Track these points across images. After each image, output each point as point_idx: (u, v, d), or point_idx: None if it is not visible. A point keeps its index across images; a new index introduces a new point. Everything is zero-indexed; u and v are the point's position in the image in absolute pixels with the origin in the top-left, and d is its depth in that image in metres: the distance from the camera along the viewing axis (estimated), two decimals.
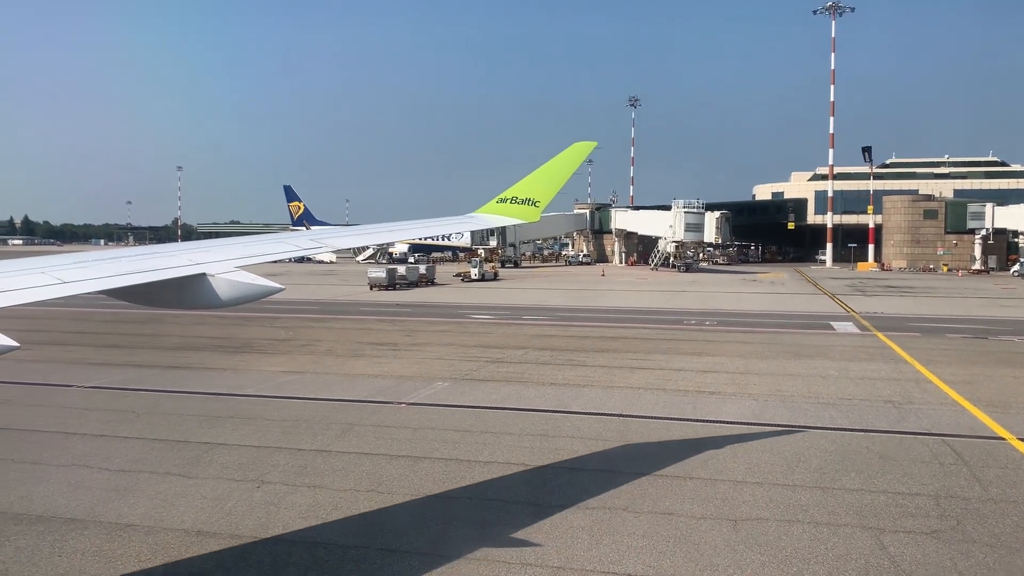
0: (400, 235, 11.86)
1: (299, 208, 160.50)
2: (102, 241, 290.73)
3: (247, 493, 14.15)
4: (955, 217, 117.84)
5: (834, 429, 19.18)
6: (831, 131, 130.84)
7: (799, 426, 19.43)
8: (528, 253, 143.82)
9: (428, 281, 76.98)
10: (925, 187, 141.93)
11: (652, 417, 20.25)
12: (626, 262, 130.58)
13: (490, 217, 11.67)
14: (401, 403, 21.85)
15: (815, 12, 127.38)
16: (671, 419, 20.09)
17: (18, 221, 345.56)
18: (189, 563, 11.20)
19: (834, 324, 43.25)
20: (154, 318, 42.23)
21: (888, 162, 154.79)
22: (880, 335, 37.74)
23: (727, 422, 19.78)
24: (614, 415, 20.43)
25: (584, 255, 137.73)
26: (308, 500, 13.83)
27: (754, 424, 19.58)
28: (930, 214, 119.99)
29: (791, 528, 12.54)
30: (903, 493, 14.27)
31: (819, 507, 13.53)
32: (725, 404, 21.96)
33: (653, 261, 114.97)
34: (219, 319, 42.47)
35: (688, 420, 19.99)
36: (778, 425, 19.52)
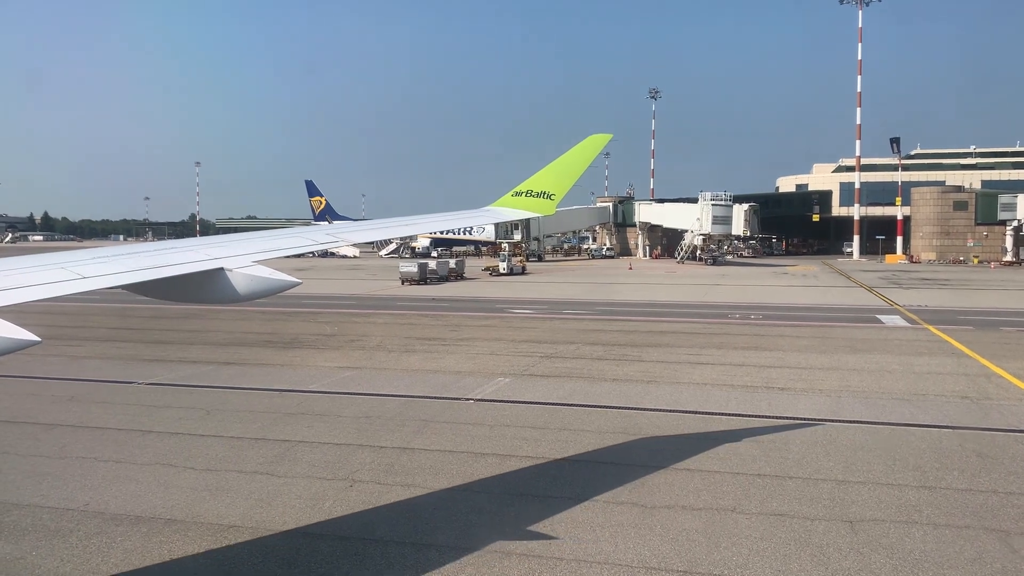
0: (416, 229, 11.72)
1: (321, 203, 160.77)
2: (121, 237, 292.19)
3: (341, 492, 13.90)
4: (986, 208, 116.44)
5: (918, 426, 18.72)
6: (858, 122, 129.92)
7: (882, 422, 19.02)
8: (549, 247, 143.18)
9: (458, 275, 76.76)
10: (952, 178, 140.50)
11: (729, 414, 19.87)
12: (650, 255, 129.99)
13: (505, 210, 11.55)
14: (468, 399, 21.57)
15: (841, 2, 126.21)
16: (749, 415, 19.71)
17: (38, 217, 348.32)
18: (304, 565, 10.95)
19: (881, 317, 42.62)
20: (196, 313, 42.17)
21: (913, 153, 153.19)
22: (932, 328, 37.13)
23: (807, 419, 19.34)
24: (689, 412, 20.06)
25: (608, 248, 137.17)
26: (405, 500, 13.57)
27: (835, 421, 19.14)
28: (960, 205, 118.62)
29: (911, 530, 12.14)
30: (1015, 493, 13.83)
31: (933, 508, 13.12)
32: (798, 400, 21.54)
33: (679, 254, 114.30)
34: (260, 314, 42.38)
35: (766, 416, 19.60)
36: (859, 422, 19.10)
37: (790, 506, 13.18)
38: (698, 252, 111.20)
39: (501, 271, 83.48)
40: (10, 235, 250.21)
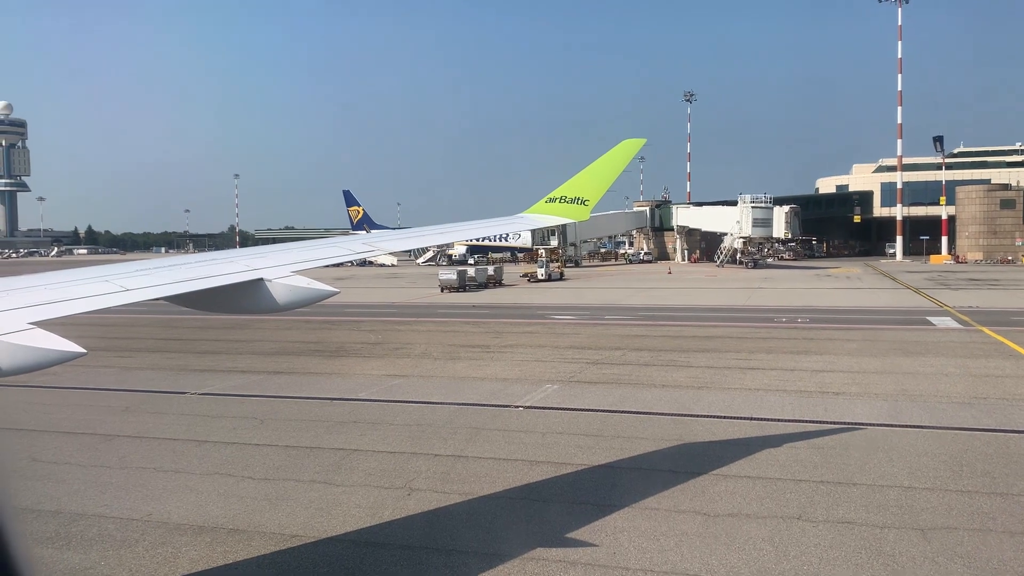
0: (452, 236, 11.79)
1: (358, 212, 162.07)
2: (163, 249, 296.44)
3: (400, 501, 13.88)
4: None
5: (983, 430, 18.25)
6: (899, 121, 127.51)
7: (944, 427, 18.57)
8: (585, 252, 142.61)
9: (496, 282, 76.74)
10: (997, 176, 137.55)
11: (785, 420, 19.54)
12: (689, 259, 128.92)
13: (539, 217, 11.59)
14: (518, 406, 21.47)
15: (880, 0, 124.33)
16: (805, 421, 19.35)
17: (82, 231, 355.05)
18: (368, 575, 10.94)
19: (931, 319, 41.74)
20: (241, 324, 42.60)
21: (956, 151, 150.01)
22: (986, 330, 36.26)
23: (865, 423, 18.95)
24: (744, 418, 19.76)
25: (645, 253, 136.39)
26: (465, 509, 13.51)
27: (895, 425, 18.75)
28: (1007, 204, 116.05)
29: (987, 538, 11.79)
30: None
31: (1007, 515, 12.73)
32: (855, 405, 21.11)
33: (719, 258, 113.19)
34: (304, 323, 42.75)
35: (823, 422, 19.21)
36: (920, 426, 18.67)
37: (857, 514, 12.88)
38: (738, 255, 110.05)
39: (539, 277, 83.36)
40: (56, 249, 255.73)
